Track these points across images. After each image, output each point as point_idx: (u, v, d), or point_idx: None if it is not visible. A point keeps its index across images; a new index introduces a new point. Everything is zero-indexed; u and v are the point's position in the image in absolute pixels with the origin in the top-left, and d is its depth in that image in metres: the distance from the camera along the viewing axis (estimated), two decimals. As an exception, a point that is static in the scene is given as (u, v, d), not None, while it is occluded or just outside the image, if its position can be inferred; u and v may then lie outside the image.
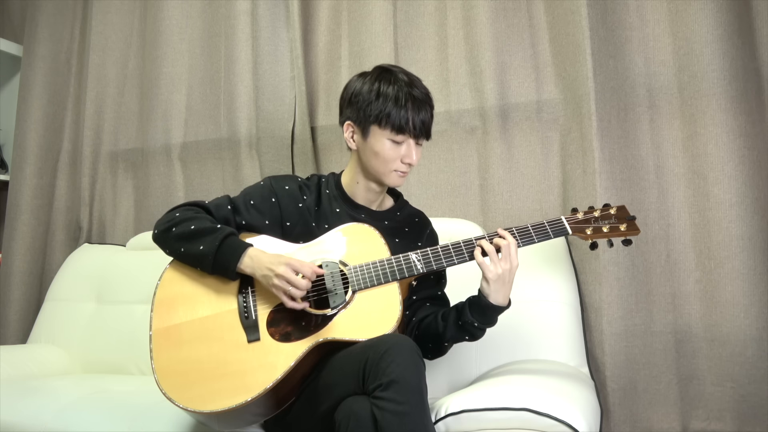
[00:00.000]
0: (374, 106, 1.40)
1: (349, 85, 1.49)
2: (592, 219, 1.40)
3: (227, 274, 1.36)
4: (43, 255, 2.67)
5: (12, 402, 1.65)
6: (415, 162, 1.44)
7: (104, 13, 2.67)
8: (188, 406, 1.26)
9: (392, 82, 1.41)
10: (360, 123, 1.44)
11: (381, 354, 1.15)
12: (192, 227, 1.38)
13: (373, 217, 1.52)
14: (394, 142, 1.42)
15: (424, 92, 1.44)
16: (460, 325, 1.41)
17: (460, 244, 1.38)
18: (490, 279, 1.34)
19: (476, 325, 1.40)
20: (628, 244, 1.39)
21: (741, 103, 1.81)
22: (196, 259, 1.37)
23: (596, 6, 1.92)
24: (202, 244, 1.36)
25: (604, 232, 1.39)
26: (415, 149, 1.44)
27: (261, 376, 1.27)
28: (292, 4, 2.27)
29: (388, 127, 1.40)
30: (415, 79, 1.45)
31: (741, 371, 1.77)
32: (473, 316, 1.39)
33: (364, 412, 1.13)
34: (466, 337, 1.44)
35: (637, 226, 1.40)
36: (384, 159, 1.43)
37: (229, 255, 1.35)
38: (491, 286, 1.35)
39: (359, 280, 1.35)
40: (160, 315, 1.38)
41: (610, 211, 1.41)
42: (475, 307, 1.39)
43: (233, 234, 1.38)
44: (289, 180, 1.53)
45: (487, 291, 1.36)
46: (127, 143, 2.63)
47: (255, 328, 1.33)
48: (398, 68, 1.47)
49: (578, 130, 1.95)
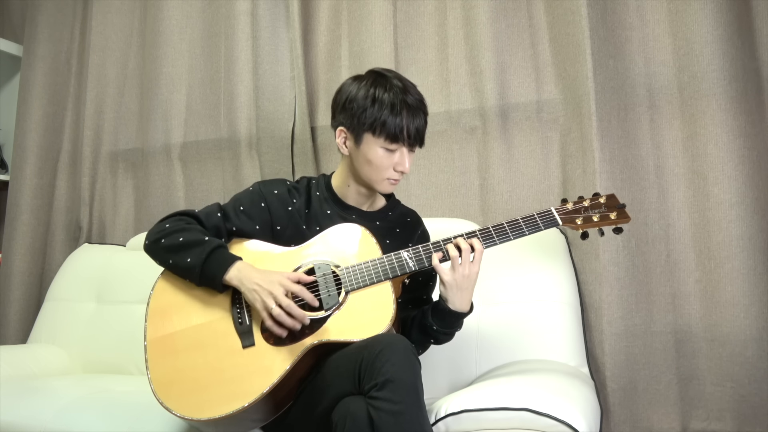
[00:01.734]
0: (369, 114, 1.39)
1: (342, 90, 1.47)
2: (582, 209, 1.40)
3: (214, 286, 1.36)
4: (43, 255, 2.67)
5: (12, 402, 1.65)
6: (407, 170, 1.43)
7: (104, 13, 2.67)
8: (186, 414, 1.26)
9: (387, 89, 1.39)
10: (353, 130, 1.43)
11: (376, 354, 1.15)
12: (180, 239, 1.38)
13: (364, 218, 1.52)
14: (387, 150, 1.41)
15: (418, 99, 1.42)
16: (422, 329, 1.42)
17: (450, 240, 1.38)
18: (447, 284, 1.34)
19: (436, 329, 1.40)
20: (618, 232, 1.39)
21: (741, 103, 1.81)
22: (184, 271, 1.37)
23: (596, 6, 1.92)
24: (189, 257, 1.36)
25: (594, 222, 1.38)
26: (408, 157, 1.43)
27: (257, 381, 1.26)
28: (292, 4, 2.27)
29: (382, 136, 1.39)
30: (409, 85, 1.43)
31: (741, 371, 1.76)
32: (434, 320, 1.39)
33: (361, 413, 1.13)
34: (431, 340, 1.44)
35: (627, 214, 1.38)
36: (377, 167, 1.42)
37: (216, 268, 1.34)
38: (448, 291, 1.35)
39: (352, 280, 1.35)
40: (154, 325, 1.38)
41: (600, 200, 1.40)
42: (437, 311, 1.39)
43: (221, 246, 1.38)
44: (278, 184, 1.53)
45: (445, 296, 1.36)
46: (127, 143, 2.63)
47: (249, 333, 1.33)
48: (392, 73, 1.45)
49: (578, 130, 1.95)
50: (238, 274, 1.34)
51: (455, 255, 1.33)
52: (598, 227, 1.39)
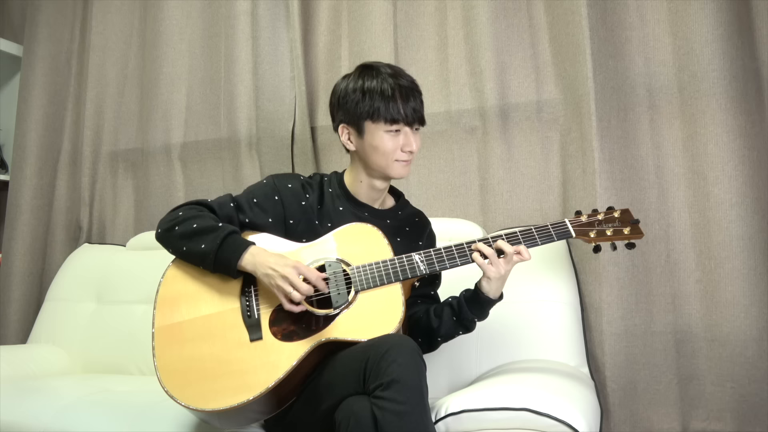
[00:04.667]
0: (363, 104, 1.41)
1: (335, 90, 1.50)
2: (595, 222, 1.40)
3: (229, 272, 1.36)
4: (43, 255, 2.67)
5: (12, 402, 1.65)
6: (415, 149, 1.45)
7: (104, 13, 2.67)
8: (190, 404, 1.26)
9: (375, 76, 1.43)
10: (353, 123, 1.45)
11: (382, 354, 1.15)
12: (194, 226, 1.38)
13: (376, 215, 1.53)
14: (390, 133, 1.42)
15: (409, 80, 1.45)
16: (455, 321, 1.45)
17: (463, 245, 1.39)
18: (492, 278, 1.37)
19: (474, 320, 1.45)
20: (631, 248, 1.39)
21: (741, 103, 1.81)
22: (198, 257, 1.38)
23: (596, 6, 1.92)
24: (204, 243, 1.36)
25: (607, 236, 1.39)
26: (413, 136, 1.45)
27: (263, 375, 1.27)
28: (292, 4, 2.27)
29: (381, 120, 1.41)
30: (399, 70, 1.46)
31: (741, 371, 1.76)
32: (472, 312, 1.42)
33: (365, 412, 1.13)
34: (460, 331, 1.48)
35: (641, 230, 1.38)
36: (384, 151, 1.43)
37: (230, 253, 1.35)
38: (492, 284, 1.38)
39: (362, 280, 1.36)
40: (163, 313, 1.38)
41: (614, 214, 1.40)
42: (473, 302, 1.42)
43: (235, 232, 1.38)
44: (292, 178, 1.54)
45: (487, 288, 1.39)
46: (127, 143, 2.63)
47: (257, 327, 1.33)
48: (380, 63, 1.48)
49: (578, 130, 1.95)
50: (252, 259, 1.34)
51: (491, 252, 1.36)
52: (611, 241, 1.39)
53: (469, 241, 1.39)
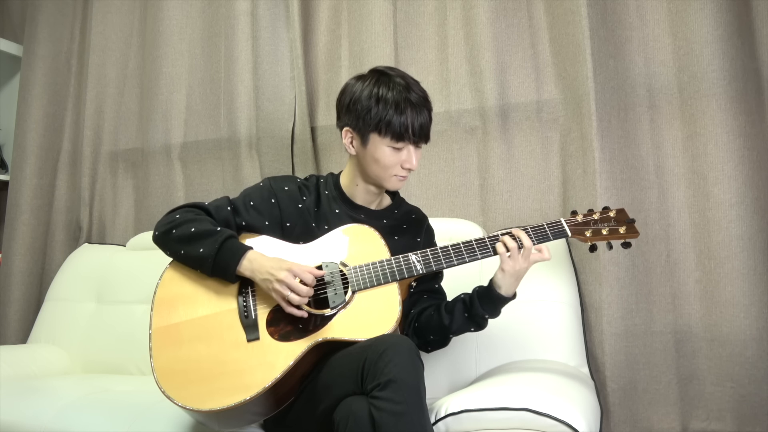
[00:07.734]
0: (373, 114, 1.39)
1: (346, 90, 1.47)
2: (591, 221, 1.41)
3: (227, 277, 1.37)
4: (43, 255, 2.67)
5: (12, 402, 1.65)
6: (414, 167, 1.44)
7: (104, 13, 2.67)
8: (187, 404, 1.26)
9: (390, 88, 1.40)
10: (359, 130, 1.44)
11: (379, 354, 1.15)
12: (192, 229, 1.39)
13: (372, 216, 1.53)
14: (393, 149, 1.42)
15: (422, 95, 1.43)
16: (467, 317, 1.45)
17: (459, 245, 1.39)
18: (507, 272, 1.37)
19: (485, 317, 1.44)
20: (627, 247, 1.40)
21: (741, 103, 1.81)
22: (196, 261, 1.38)
23: (596, 6, 1.92)
24: (202, 247, 1.36)
25: (603, 235, 1.40)
26: (414, 153, 1.44)
27: (260, 376, 1.27)
28: (292, 4, 2.27)
29: (388, 135, 1.40)
30: (412, 82, 1.44)
31: (741, 371, 1.77)
32: (484, 309, 1.42)
33: (363, 412, 1.13)
34: (472, 328, 1.48)
35: (636, 229, 1.40)
36: (384, 165, 1.43)
37: (229, 258, 1.35)
38: (507, 279, 1.38)
39: (359, 280, 1.36)
40: (160, 314, 1.38)
41: (610, 213, 1.42)
42: (485, 299, 1.42)
43: (233, 237, 1.38)
44: (289, 181, 1.53)
45: (501, 283, 1.40)
46: (127, 143, 2.63)
47: (254, 327, 1.34)
48: (395, 71, 1.46)
49: (578, 130, 1.95)
50: (250, 265, 1.35)
51: (513, 245, 1.36)
52: (607, 240, 1.40)
53: (465, 241, 1.39)
